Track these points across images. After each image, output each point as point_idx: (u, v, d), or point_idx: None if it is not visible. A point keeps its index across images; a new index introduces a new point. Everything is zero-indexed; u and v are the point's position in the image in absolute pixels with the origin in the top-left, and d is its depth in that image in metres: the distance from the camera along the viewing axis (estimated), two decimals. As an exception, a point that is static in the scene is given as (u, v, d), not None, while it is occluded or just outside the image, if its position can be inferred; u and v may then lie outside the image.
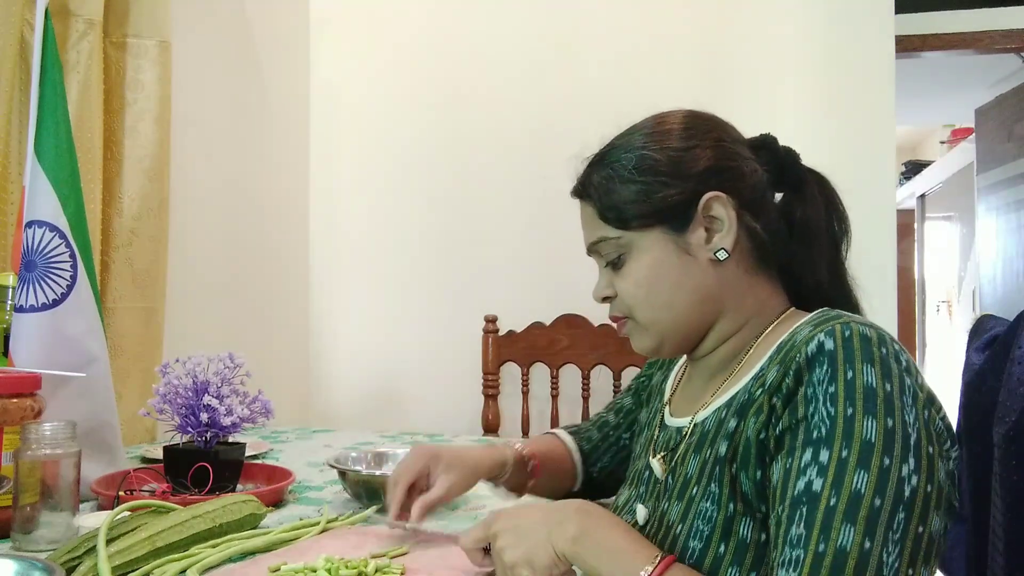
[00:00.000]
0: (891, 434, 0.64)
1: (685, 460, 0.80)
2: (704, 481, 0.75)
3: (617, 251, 0.83)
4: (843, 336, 0.68)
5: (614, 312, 0.87)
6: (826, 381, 0.67)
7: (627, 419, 1.11)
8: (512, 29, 2.43)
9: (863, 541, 0.61)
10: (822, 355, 0.68)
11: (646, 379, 1.08)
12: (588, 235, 0.87)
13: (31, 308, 1.18)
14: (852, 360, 0.66)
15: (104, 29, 1.65)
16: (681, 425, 0.85)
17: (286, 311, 2.47)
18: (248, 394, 1.23)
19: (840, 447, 0.64)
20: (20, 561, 0.77)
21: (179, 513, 0.95)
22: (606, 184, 0.83)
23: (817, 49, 2.28)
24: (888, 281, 2.24)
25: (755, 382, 0.75)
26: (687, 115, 0.86)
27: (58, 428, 1.00)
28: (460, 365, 2.34)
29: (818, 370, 0.67)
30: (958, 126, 5.55)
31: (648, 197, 0.81)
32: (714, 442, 0.76)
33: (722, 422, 0.77)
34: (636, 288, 0.82)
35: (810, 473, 0.65)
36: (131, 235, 1.70)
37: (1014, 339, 0.91)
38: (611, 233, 0.83)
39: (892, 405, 0.65)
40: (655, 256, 0.81)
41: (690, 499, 0.76)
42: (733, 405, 0.77)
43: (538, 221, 2.35)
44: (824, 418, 0.66)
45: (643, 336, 0.85)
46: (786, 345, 0.73)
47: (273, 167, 2.39)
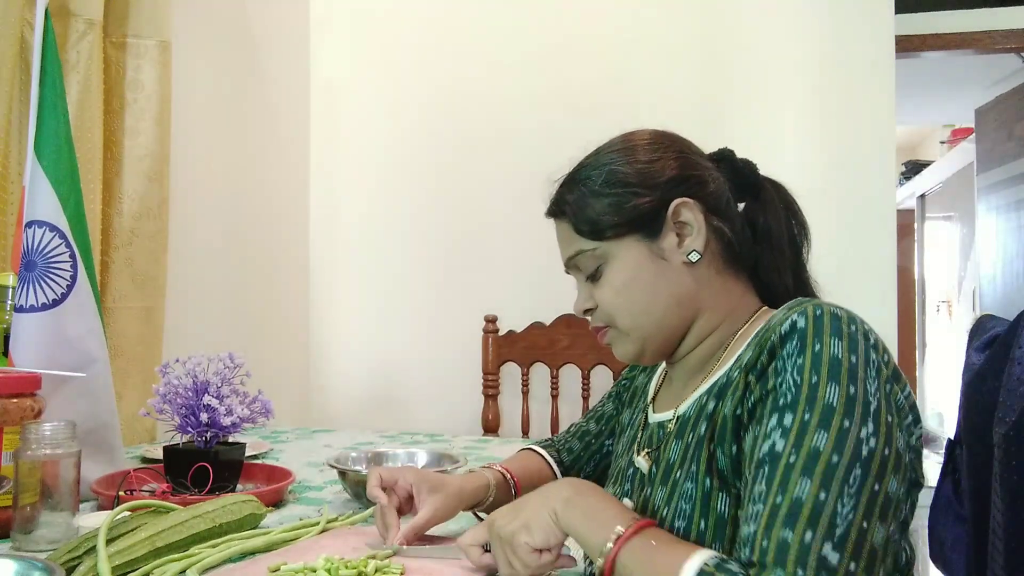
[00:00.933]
0: (852, 400, 0.67)
1: (667, 448, 0.83)
2: (687, 464, 0.78)
3: (595, 263, 0.86)
4: (814, 315, 0.71)
5: (596, 322, 0.89)
6: (795, 354, 0.70)
7: (608, 425, 1.11)
8: (512, 29, 2.43)
9: (818, 492, 0.63)
10: (794, 332, 0.71)
11: (628, 381, 1.09)
12: (565, 251, 0.90)
13: (31, 308, 1.18)
14: (820, 334, 0.70)
15: (104, 29, 1.65)
16: (664, 419, 0.87)
17: (286, 311, 2.47)
18: (248, 394, 1.23)
19: (803, 411, 0.67)
20: (20, 561, 0.77)
21: (179, 513, 0.95)
22: (579, 200, 0.87)
23: (817, 49, 2.28)
24: (888, 281, 2.24)
25: (735, 366, 0.78)
26: (651, 132, 0.90)
27: (58, 428, 1.00)
28: (460, 365, 2.34)
29: (789, 345, 0.71)
30: (958, 126, 5.56)
31: (620, 208, 0.84)
32: (696, 426, 0.79)
33: (703, 408, 0.80)
34: (615, 296, 0.85)
35: (774, 436, 0.68)
36: (131, 235, 1.70)
37: (1014, 339, 0.91)
38: (587, 245, 0.86)
39: (855, 375, 0.68)
40: (631, 263, 0.85)
41: (674, 483, 0.78)
42: (713, 391, 0.80)
43: (538, 221, 2.32)
44: (790, 386, 0.69)
45: (625, 342, 0.87)
46: (763, 328, 0.76)
47: (273, 167, 2.39)
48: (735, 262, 0.87)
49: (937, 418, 5.70)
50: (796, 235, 0.90)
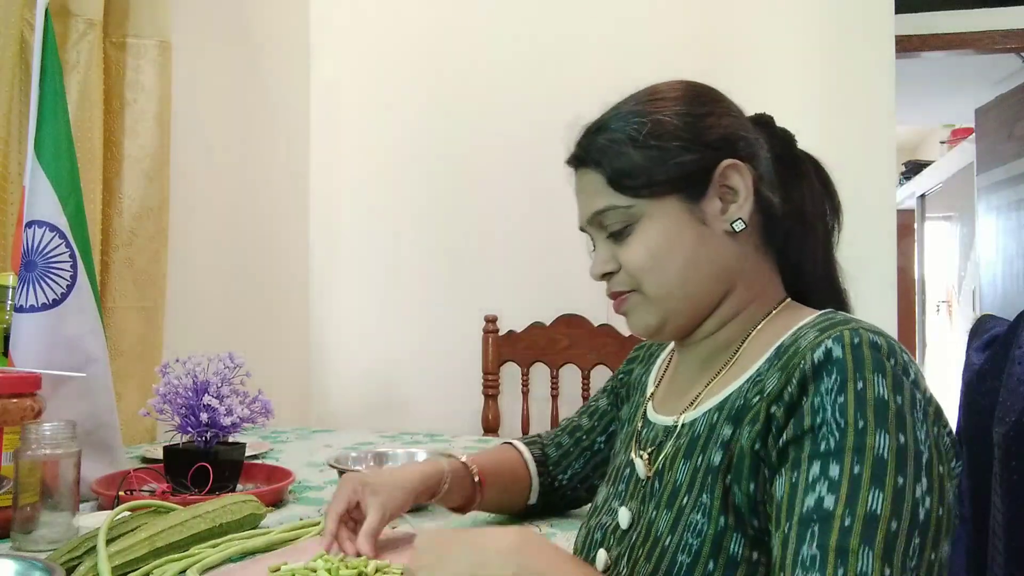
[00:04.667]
0: (903, 451, 0.61)
1: (674, 464, 0.75)
2: (695, 491, 0.71)
3: (624, 221, 0.78)
4: (852, 343, 0.64)
5: (616, 287, 0.80)
6: (835, 391, 0.63)
7: (602, 421, 1.05)
8: (511, 28, 2.43)
9: (883, 567, 0.57)
10: (830, 363, 0.64)
11: (624, 375, 1.02)
12: (590, 205, 0.80)
13: (31, 308, 1.18)
14: (862, 369, 0.63)
15: (104, 29, 1.65)
16: (667, 423, 0.80)
17: (286, 311, 2.46)
18: (248, 394, 1.23)
19: (852, 461, 0.60)
20: (20, 561, 0.77)
21: (179, 513, 0.95)
22: (615, 149, 0.78)
23: (817, 49, 2.28)
24: (888, 281, 2.24)
25: (752, 387, 0.71)
26: (695, 83, 0.83)
27: (58, 428, 1.00)
28: (460, 365, 2.34)
29: (826, 379, 0.63)
30: (958, 126, 5.55)
31: (663, 163, 0.76)
32: (706, 448, 0.72)
33: (714, 427, 0.73)
34: (647, 258, 0.76)
35: (820, 489, 0.61)
36: (131, 235, 1.70)
37: (1014, 339, 0.91)
38: (621, 201, 0.77)
39: (904, 420, 0.62)
40: (669, 225, 0.76)
41: (680, 509, 0.71)
42: (727, 408, 0.73)
43: (538, 221, 2.34)
44: (833, 429, 0.62)
45: (647, 312, 0.79)
46: (787, 349, 0.69)
47: (273, 167, 2.39)
48: (772, 241, 0.80)
49: (937, 418, 5.68)
50: (830, 218, 0.85)
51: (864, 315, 0.80)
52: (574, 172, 0.84)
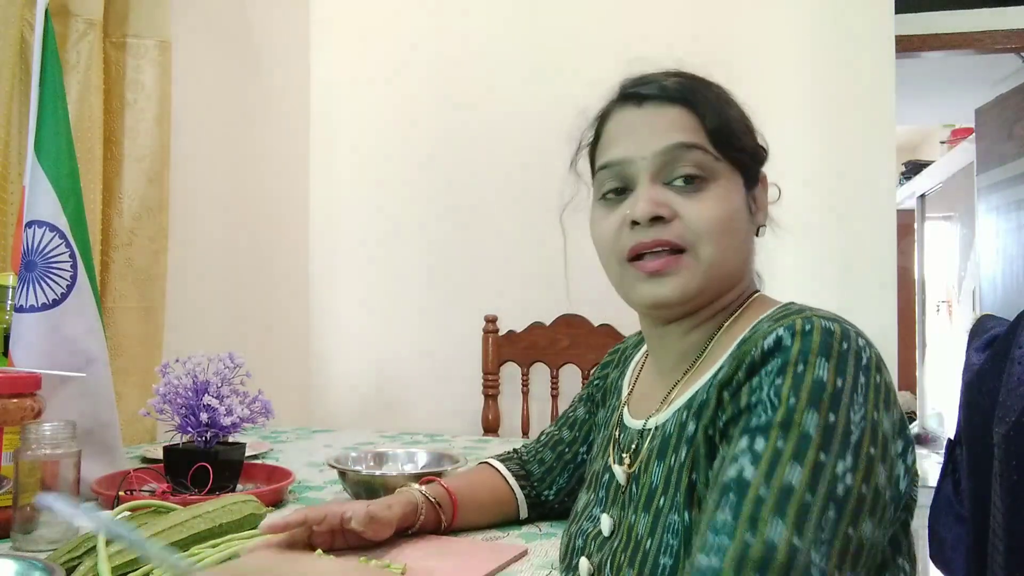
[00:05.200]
0: (831, 429, 0.61)
1: (648, 467, 0.75)
2: (671, 491, 0.71)
3: (703, 172, 0.74)
4: (803, 330, 0.65)
5: (668, 235, 0.74)
6: (775, 373, 0.64)
7: (582, 431, 1.04)
8: (511, 29, 2.43)
9: (792, 537, 0.58)
10: (777, 349, 0.65)
11: (600, 380, 1.02)
12: (668, 138, 0.75)
13: (31, 308, 1.18)
14: (807, 353, 0.64)
15: (104, 29, 1.65)
16: (639, 426, 0.81)
17: (286, 311, 2.47)
18: (248, 394, 1.23)
19: (776, 437, 0.62)
20: (20, 561, 0.77)
21: (179, 513, 0.95)
22: (720, 102, 0.77)
23: (817, 49, 2.28)
24: (888, 281, 2.24)
25: (713, 381, 0.72)
26: None
27: (58, 428, 1.00)
28: (460, 365, 2.34)
29: (771, 363, 0.65)
30: (958, 126, 5.55)
31: (752, 139, 0.78)
32: (677, 448, 0.73)
33: (683, 425, 0.73)
34: (723, 220, 0.74)
35: (743, 460, 0.62)
36: (131, 235, 1.70)
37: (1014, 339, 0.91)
38: (712, 150, 0.75)
39: (838, 401, 0.62)
40: (737, 198, 0.76)
41: (657, 511, 0.72)
42: (692, 406, 0.73)
43: (538, 221, 2.34)
44: (765, 407, 0.63)
45: (691, 275, 0.74)
46: (744, 340, 0.70)
47: (273, 167, 2.39)
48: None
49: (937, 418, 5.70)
50: None
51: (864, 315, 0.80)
52: (633, 107, 0.79)
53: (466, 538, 1.01)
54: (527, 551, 0.97)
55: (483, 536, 1.04)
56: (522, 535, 1.04)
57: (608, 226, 0.78)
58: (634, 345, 0.98)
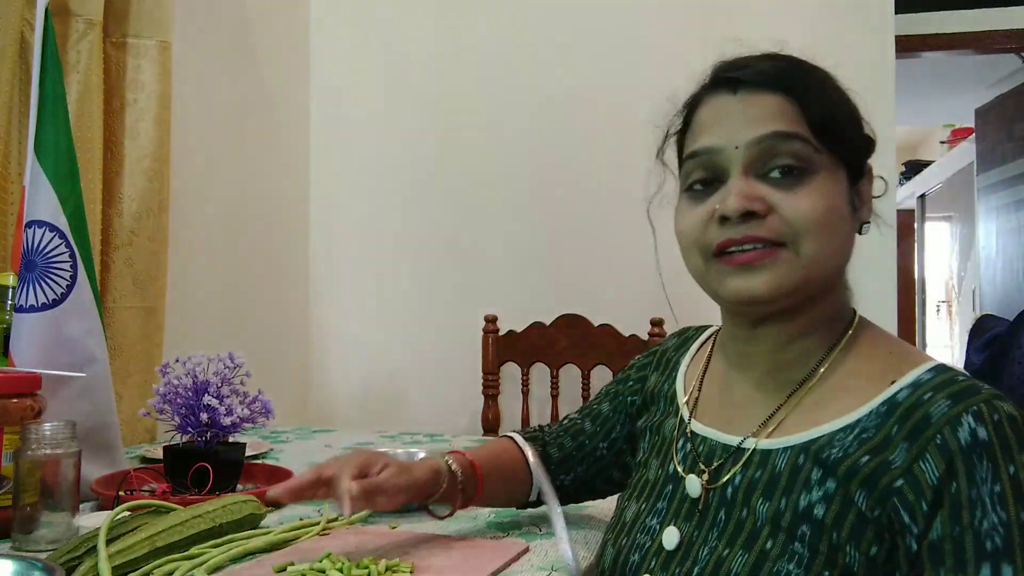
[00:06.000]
0: None
1: (750, 500, 0.69)
2: (782, 536, 0.66)
3: (802, 163, 0.68)
4: (994, 420, 0.61)
5: (763, 232, 0.68)
6: (990, 480, 0.60)
7: (604, 427, 1.00)
8: (511, 29, 2.43)
9: None
10: (978, 446, 0.60)
11: (636, 383, 0.96)
12: (764, 126, 0.69)
13: (31, 308, 1.18)
14: (1009, 451, 0.60)
15: (104, 29, 1.65)
16: (729, 442, 0.74)
17: (286, 311, 2.46)
18: (248, 394, 1.23)
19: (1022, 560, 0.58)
20: (20, 561, 0.77)
21: (179, 513, 0.95)
22: (823, 90, 0.72)
23: (817, 49, 2.28)
24: (888, 281, 2.24)
25: (854, 440, 0.66)
26: None
27: (58, 428, 1.00)
28: (460, 365, 2.34)
29: (979, 466, 0.60)
30: (958, 126, 5.55)
31: (857, 129, 0.73)
32: (791, 491, 0.67)
33: (799, 469, 0.67)
34: (824, 214, 0.68)
35: None
36: (131, 235, 1.70)
37: (1014, 339, 0.91)
38: (812, 140, 0.69)
39: None
40: (839, 193, 0.70)
41: (762, 553, 0.66)
42: (814, 451, 0.67)
43: (538, 220, 2.35)
44: (996, 525, 0.59)
45: (790, 271, 0.68)
46: (909, 412, 0.64)
47: (273, 167, 2.39)
48: None
49: (937, 418, 5.67)
50: None
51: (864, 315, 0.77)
52: (727, 93, 0.73)
53: (467, 538, 1.01)
54: (528, 548, 0.97)
55: (484, 535, 1.04)
56: (522, 535, 1.04)
57: (694, 219, 0.72)
58: (676, 347, 0.93)
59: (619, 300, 2.18)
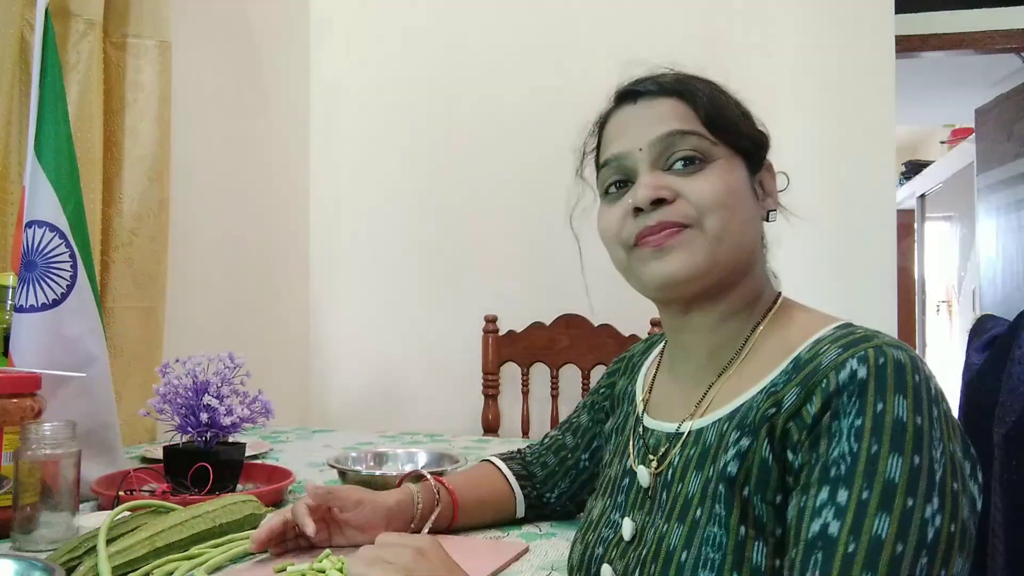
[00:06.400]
0: (916, 472, 0.60)
1: (685, 476, 0.73)
2: (708, 502, 0.69)
3: (701, 154, 0.75)
4: (876, 363, 0.63)
5: (672, 216, 0.74)
6: (853, 413, 0.62)
7: (585, 438, 1.04)
8: (511, 29, 2.43)
9: None
10: (853, 384, 0.63)
11: (607, 389, 1.01)
12: (663, 126, 0.76)
13: (31, 308, 1.18)
14: (884, 391, 0.62)
15: (104, 29, 1.65)
16: (669, 429, 0.78)
17: (286, 311, 2.47)
18: (248, 394, 1.23)
19: (861, 487, 0.60)
20: (20, 561, 0.77)
21: (179, 513, 0.95)
22: (714, 92, 0.79)
23: (817, 49, 2.29)
24: (888, 281, 2.24)
25: (766, 398, 0.69)
26: None
27: (58, 428, 1.00)
28: (460, 365, 2.34)
29: (847, 401, 0.63)
30: (958, 126, 5.55)
31: (751, 127, 0.80)
32: (716, 458, 0.70)
33: (724, 435, 0.71)
34: (724, 194, 0.74)
35: (826, 514, 0.60)
36: (131, 235, 1.70)
37: (1014, 339, 0.91)
38: (707, 135, 0.76)
39: (920, 440, 0.61)
40: (739, 179, 0.76)
41: (694, 522, 0.69)
42: (737, 418, 0.71)
43: (538, 221, 2.34)
44: (845, 454, 0.61)
45: (700, 249, 0.73)
46: (806, 363, 0.68)
47: (273, 167, 2.40)
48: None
49: (937, 418, 5.68)
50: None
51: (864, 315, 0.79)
52: (629, 104, 0.81)
53: (467, 538, 1.02)
54: (528, 548, 0.97)
55: (483, 535, 1.04)
56: (522, 535, 1.04)
57: (612, 216, 0.78)
58: (641, 352, 0.97)
59: (619, 300, 2.18)
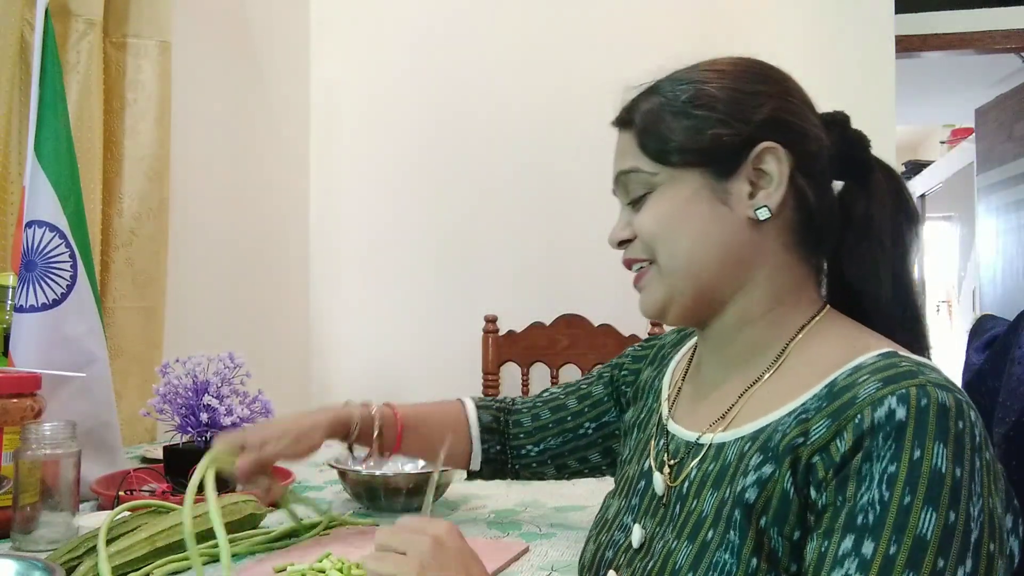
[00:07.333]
0: (951, 530, 0.55)
1: (701, 492, 0.69)
2: (722, 526, 0.65)
3: (645, 187, 0.74)
4: (918, 405, 0.58)
5: (632, 254, 0.76)
6: (887, 458, 0.57)
7: (594, 409, 1.01)
8: (512, 29, 2.43)
9: None
10: (890, 425, 0.58)
11: (631, 374, 0.97)
12: (618, 164, 0.77)
13: (31, 308, 1.18)
14: (923, 437, 0.57)
15: (104, 29, 1.65)
16: (690, 438, 0.74)
17: (286, 311, 2.47)
18: (248, 394, 1.23)
19: (889, 541, 0.55)
20: (20, 561, 0.77)
21: (179, 513, 0.95)
22: (654, 113, 0.74)
23: (817, 49, 2.28)
24: (888, 281, 2.24)
25: (795, 423, 0.65)
26: (757, 61, 0.78)
27: (58, 428, 1.00)
28: (460, 365, 2.34)
29: (881, 443, 0.58)
30: (958, 126, 5.56)
31: (698, 133, 0.72)
32: (734, 479, 0.66)
33: (744, 456, 0.67)
34: (656, 224, 0.73)
35: (848, 565, 0.56)
36: (131, 235, 1.70)
37: (1014, 339, 0.91)
38: (646, 166, 0.74)
39: (958, 495, 0.56)
40: (686, 197, 0.72)
41: (704, 544, 0.66)
42: (761, 440, 0.66)
43: (538, 221, 2.35)
44: (875, 502, 0.57)
45: (657, 286, 0.74)
46: (841, 392, 0.63)
47: (273, 167, 2.39)
48: (808, 243, 0.73)
49: (937, 418, 5.69)
50: (904, 231, 0.74)
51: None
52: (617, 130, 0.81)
53: (469, 538, 1.01)
54: (528, 548, 0.97)
55: (483, 535, 1.04)
56: (522, 535, 1.04)
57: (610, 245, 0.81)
58: (673, 344, 0.93)
59: (619, 300, 2.18)
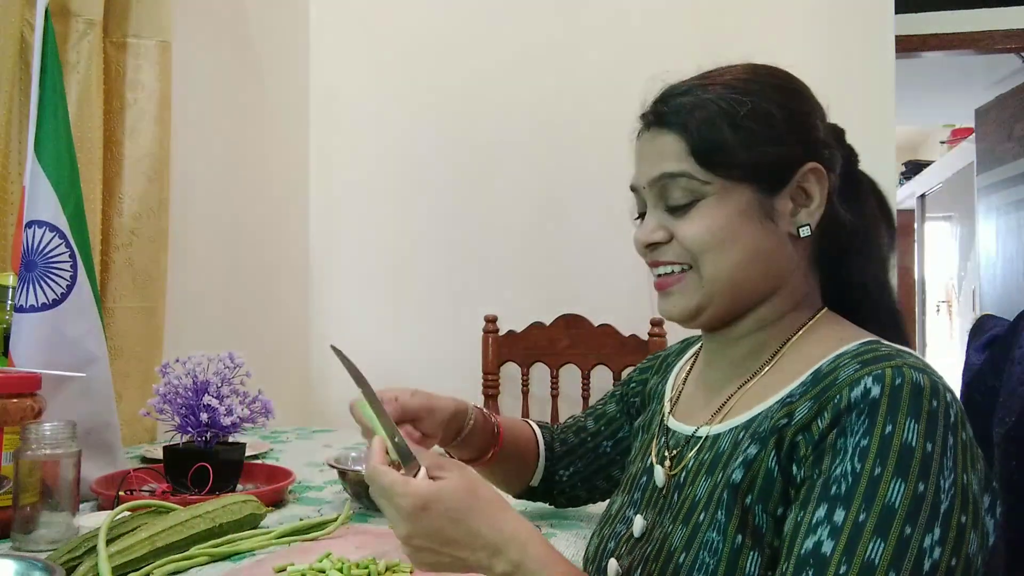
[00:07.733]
0: (919, 500, 0.58)
1: (695, 479, 0.73)
2: (712, 507, 0.69)
3: (693, 195, 0.74)
4: (892, 383, 0.61)
5: (665, 257, 0.76)
6: (860, 433, 0.61)
7: (610, 427, 1.05)
8: (512, 29, 2.43)
9: None
10: (865, 403, 0.62)
11: (638, 385, 1.01)
12: (659, 166, 0.76)
13: (31, 308, 1.18)
14: (895, 412, 0.60)
15: (104, 29, 1.65)
16: (688, 432, 0.79)
17: (286, 311, 2.47)
18: (248, 394, 1.23)
19: (859, 509, 0.59)
20: (20, 561, 0.77)
21: (179, 513, 0.95)
22: (709, 119, 0.74)
23: (817, 49, 2.28)
24: (888, 281, 2.24)
25: (780, 408, 0.69)
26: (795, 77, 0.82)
27: (58, 428, 1.00)
28: (460, 365, 2.34)
29: (856, 419, 0.61)
30: (958, 126, 5.56)
31: (752, 148, 0.73)
32: (727, 465, 0.70)
33: (738, 444, 0.71)
34: (709, 235, 0.73)
35: (821, 532, 0.60)
36: (131, 235, 1.70)
37: (1014, 339, 0.91)
38: (698, 174, 0.73)
39: (928, 469, 0.59)
40: (739, 210, 0.73)
41: (696, 526, 0.69)
42: (752, 428, 0.70)
43: (538, 221, 2.35)
44: (847, 473, 0.60)
45: (693, 292, 0.75)
46: (824, 377, 0.67)
47: (273, 167, 2.39)
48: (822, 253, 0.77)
49: (937, 418, 5.68)
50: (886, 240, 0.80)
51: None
52: (643, 130, 0.79)
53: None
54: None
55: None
56: (522, 535, 1.04)
57: (636, 243, 0.80)
58: (676, 353, 0.97)
59: (619, 300, 2.18)
